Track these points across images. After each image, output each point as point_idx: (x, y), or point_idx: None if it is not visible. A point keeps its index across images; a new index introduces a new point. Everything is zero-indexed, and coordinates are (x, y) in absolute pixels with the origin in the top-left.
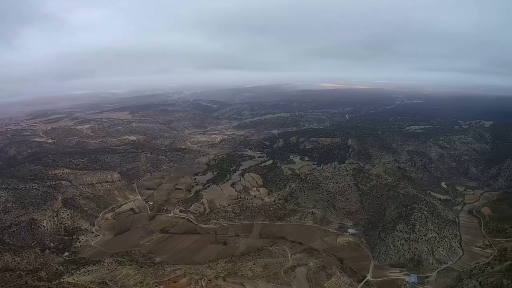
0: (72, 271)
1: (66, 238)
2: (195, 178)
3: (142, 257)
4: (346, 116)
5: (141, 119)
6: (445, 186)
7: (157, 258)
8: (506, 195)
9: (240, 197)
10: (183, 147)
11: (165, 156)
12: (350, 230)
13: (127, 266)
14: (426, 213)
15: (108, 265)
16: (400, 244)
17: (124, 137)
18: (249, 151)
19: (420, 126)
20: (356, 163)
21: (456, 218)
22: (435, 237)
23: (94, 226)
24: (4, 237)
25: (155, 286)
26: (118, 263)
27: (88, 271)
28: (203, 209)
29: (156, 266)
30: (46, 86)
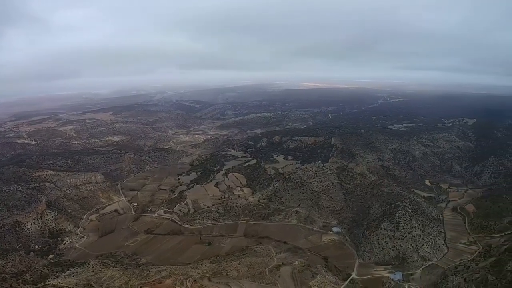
0: (57, 274)
1: (51, 240)
2: (179, 179)
3: (127, 258)
4: (329, 115)
5: (124, 120)
6: (429, 184)
7: (142, 259)
8: (490, 192)
9: (224, 197)
10: (167, 147)
11: (149, 157)
12: (335, 229)
13: (112, 267)
14: (410, 211)
15: (93, 267)
16: (385, 242)
17: (107, 138)
18: (232, 151)
19: (404, 125)
20: (340, 162)
21: (441, 215)
22: (420, 235)
23: (79, 228)
24: None
25: (140, 287)
26: (103, 264)
27: (73, 273)
28: (187, 210)
29: (141, 267)
30: (29, 87)
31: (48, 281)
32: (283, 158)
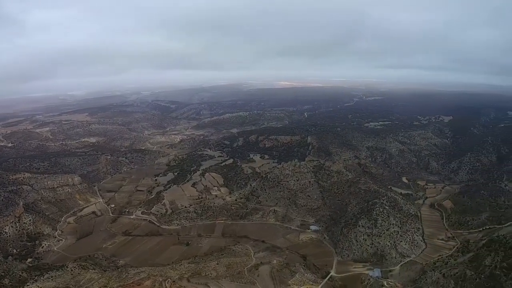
0: (36, 278)
1: (29, 244)
2: (156, 179)
3: (106, 260)
4: (305, 114)
5: (100, 121)
6: (406, 181)
7: (120, 261)
8: (467, 188)
9: (202, 197)
10: (143, 148)
11: (125, 158)
12: (312, 227)
13: (90, 270)
14: (388, 208)
15: (72, 270)
16: (363, 239)
17: (84, 140)
18: (209, 150)
19: (380, 123)
20: (316, 160)
21: (418, 212)
22: (398, 231)
23: (57, 230)
24: None
25: None
26: (82, 267)
27: (51, 276)
28: (164, 210)
29: (119, 269)
30: (4, 89)
31: (27, 285)
32: (260, 157)
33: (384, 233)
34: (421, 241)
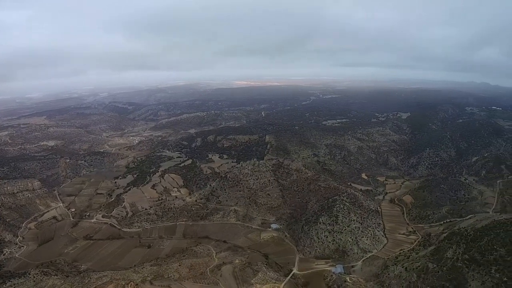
0: None
1: None
2: (115, 182)
3: (68, 266)
4: (262, 113)
5: (58, 124)
6: (365, 177)
7: (82, 266)
8: (427, 183)
9: (162, 199)
10: (102, 150)
11: (85, 161)
12: (273, 225)
13: (53, 276)
14: (348, 204)
15: (34, 277)
16: (324, 236)
17: (42, 143)
18: (167, 151)
19: (337, 120)
20: (275, 159)
21: (379, 207)
22: (359, 227)
23: (18, 237)
24: None
25: None
26: (44, 274)
27: (14, 284)
28: (125, 213)
29: (82, 274)
30: None
31: None
32: (219, 157)
33: (345, 229)
34: (383, 236)
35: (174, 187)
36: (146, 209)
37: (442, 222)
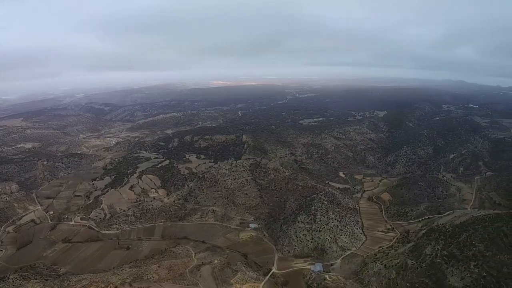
0: None
1: None
2: (93, 184)
3: (47, 269)
4: (239, 112)
5: (35, 126)
6: (343, 176)
7: (61, 269)
8: (404, 181)
9: (140, 200)
10: (79, 152)
11: (62, 163)
12: (252, 225)
13: (32, 280)
14: (326, 202)
15: (13, 281)
16: (303, 234)
17: (19, 146)
18: (145, 152)
19: (314, 119)
20: (253, 158)
21: (357, 205)
22: (337, 225)
23: None
24: None
25: None
26: (23, 278)
27: None
28: (103, 215)
29: (61, 278)
30: None
31: None
32: (196, 157)
33: (324, 227)
34: (361, 233)
35: (152, 188)
36: (124, 210)
37: (420, 219)
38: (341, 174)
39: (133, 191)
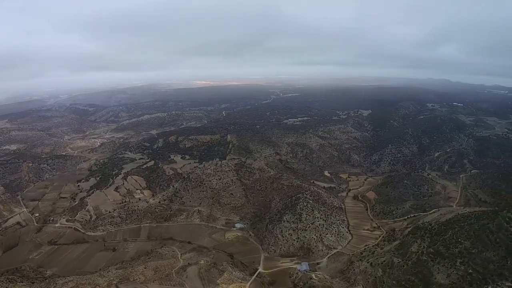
0: None
1: None
2: (78, 185)
3: (33, 272)
4: (223, 112)
5: (20, 127)
6: (328, 175)
7: (47, 272)
8: (390, 179)
9: (125, 201)
10: (64, 153)
11: (47, 165)
12: (238, 225)
13: (18, 283)
14: (311, 202)
15: (0, 284)
16: (289, 234)
17: (4, 147)
18: (129, 153)
19: (299, 119)
20: (238, 158)
21: (342, 204)
22: (323, 224)
23: None
24: None
25: None
26: (9, 281)
27: None
28: (89, 217)
29: (47, 280)
30: None
31: None
32: (181, 157)
33: (310, 226)
34: (347, 232)
35: (137, 189)
36: (109, 212)
37: (406, 217)
38: (326, 173)
39: (119, 192)
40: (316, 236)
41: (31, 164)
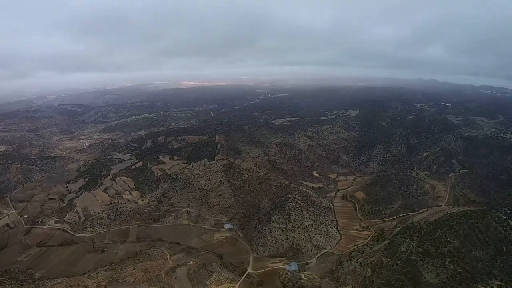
0: None
1: None
2: (67, 186)
3: (22, 274)
4: (211, 113)
5: (7, 128)
6: (317, 175)
7: (36, 274)
8: (378, 179)
9: (114, 202)
10: (53, 154)
11: (36, 166)
12: (226, 226)
13: (7, 285)
14: (300, 202)
15: None
16: (278, 234)
17: None
18: (118, 154)
19: (287, 119)
20: (226, 158)
21: (331, 204)
22: (312, 225)
23: None
24: None
25: None
26: None
27: None
28: (78, 218)
29: (36, 282)
30: None
31: None
32: (169, 158)
33: (298, 227)
34: (336, 232)
35: (126, 190)
36: (98, 213)
37: (395, 217)
38: (314, 173)
39: (107, 193)
40: (305, 237)
41: (19, 165)
